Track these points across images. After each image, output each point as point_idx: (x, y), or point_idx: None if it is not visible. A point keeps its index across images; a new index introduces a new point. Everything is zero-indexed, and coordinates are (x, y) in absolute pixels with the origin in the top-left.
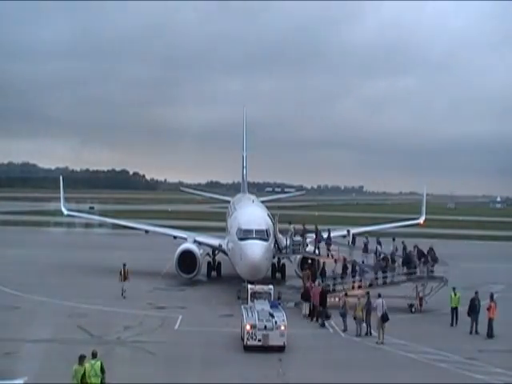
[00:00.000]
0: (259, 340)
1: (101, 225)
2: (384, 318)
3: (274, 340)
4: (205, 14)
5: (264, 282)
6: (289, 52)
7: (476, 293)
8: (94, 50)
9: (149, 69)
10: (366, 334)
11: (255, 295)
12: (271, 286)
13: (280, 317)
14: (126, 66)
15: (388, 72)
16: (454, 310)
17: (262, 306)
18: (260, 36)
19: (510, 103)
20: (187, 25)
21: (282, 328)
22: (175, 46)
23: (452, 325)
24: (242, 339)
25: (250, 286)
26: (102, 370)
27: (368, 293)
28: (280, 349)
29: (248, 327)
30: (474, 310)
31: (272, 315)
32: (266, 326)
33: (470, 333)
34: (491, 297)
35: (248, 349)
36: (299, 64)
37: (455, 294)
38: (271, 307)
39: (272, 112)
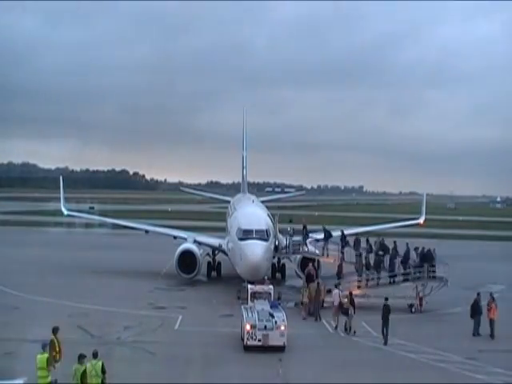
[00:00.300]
0: (259, 340)
1: (101, 225)
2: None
3: (274, 340)
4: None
5: (264, 282)
6: (338, 69)
7: (478, 294)
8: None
9: (200, 82)
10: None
11: (255, 295)
12: (271, 286)
13: (280, 317)
14: (177, 80)
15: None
16: None
17: (262, 306)
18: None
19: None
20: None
21: (282, 328)
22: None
23: None
24: (242, 339)
25: (249, 286)
26: (103, 371)
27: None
28: (280, 349)
29: (248, 327)
30: (476, 311)
31: (272, 315)
32: (265, 326)
33: (474, 335)
34: (492, 297)
35: (248, 349)
36: (346, 78)
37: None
38: (271, 307)
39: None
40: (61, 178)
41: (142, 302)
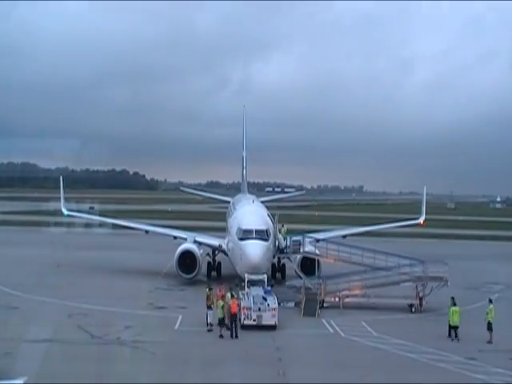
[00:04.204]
0: (254, 320)
1: (101, 225)
2: None
3: (267, 320)
4: None
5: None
6: None
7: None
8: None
9: None
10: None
11: (251, 282)
12: (265, 275)
13: (272, 300)
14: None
15: None
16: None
17: (257, 291)
18: None
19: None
20: None
21: (274, 310)
22: None
23: None
24: (240, 319)
25: (246, 274)
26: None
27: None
28: (272, 327)
29: (244, 309)
30: None
31: (265, 299)
32: (259, 308)
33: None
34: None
35: (244, 327)
36: None
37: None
38: (265, 293)
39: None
40: (61, 178)
41: (142, 301)
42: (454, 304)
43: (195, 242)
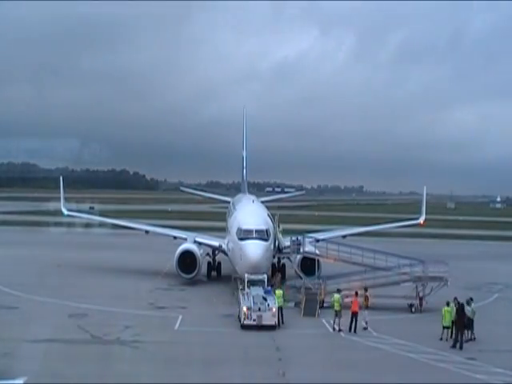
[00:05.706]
0: (254, 320)
1: (101, 225)
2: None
3: (267, 320)
4: None
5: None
6: None
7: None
8: None
9: None
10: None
11: (251, 282)
12: (265, 275)
13: (272, 300)
14: None
15: None
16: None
17: (257, 291)
18: None
19: None
20: None
21: (274, 310)
22: None
23: None
24: (240, 319)
25: (246, 274)
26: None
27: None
28: (272, 327)
29: (245, 309)
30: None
31: (265, 299)
32: (259, 308)
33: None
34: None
35: (244, 327)
36: None
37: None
38: (265, 292)
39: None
40: (61, 178)
41: (143, 301)
42: (447, 304)
43: (195, 242)
